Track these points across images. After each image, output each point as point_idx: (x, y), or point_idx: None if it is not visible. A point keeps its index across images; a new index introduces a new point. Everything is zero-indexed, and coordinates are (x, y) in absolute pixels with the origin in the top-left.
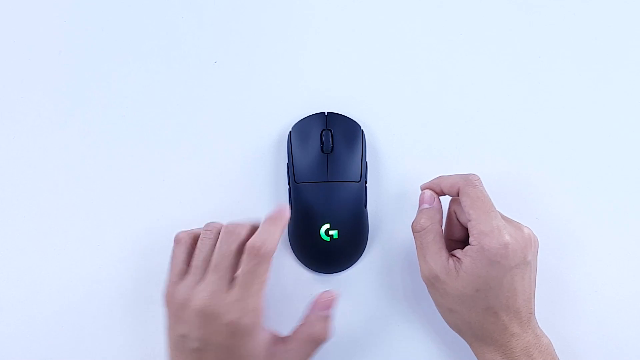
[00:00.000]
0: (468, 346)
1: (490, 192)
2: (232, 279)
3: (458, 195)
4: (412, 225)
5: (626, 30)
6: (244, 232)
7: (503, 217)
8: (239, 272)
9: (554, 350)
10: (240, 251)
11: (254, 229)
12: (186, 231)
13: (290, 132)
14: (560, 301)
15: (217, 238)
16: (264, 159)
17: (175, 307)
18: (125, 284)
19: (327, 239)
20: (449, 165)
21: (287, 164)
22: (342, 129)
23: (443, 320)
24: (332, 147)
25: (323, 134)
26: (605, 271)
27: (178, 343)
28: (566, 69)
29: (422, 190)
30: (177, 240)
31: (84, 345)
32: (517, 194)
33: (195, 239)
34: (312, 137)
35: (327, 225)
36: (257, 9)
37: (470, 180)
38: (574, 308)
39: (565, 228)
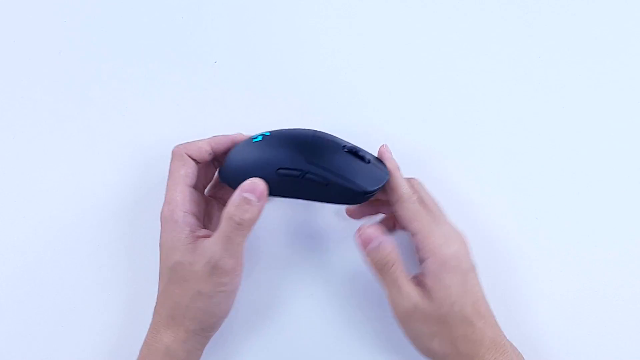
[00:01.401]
0: None
1: (490, 192)
2: None
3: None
4: (378, 265)
5: (626, 30)
6: None
7: (441, 219)
8: None
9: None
10: None
11: None
12: None
13: None
14: (560, 300)
15: None
16: None
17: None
18: (125, 284)
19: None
20: (449, 165)
21: None
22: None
23: None
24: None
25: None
26: (606, 271)
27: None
28: (566, 69)
29: (358, 233)
30: None
31: (84, 345)
32: (517, 194)
33: None
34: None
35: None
36: (257, 8)
37: (405, 198)
38: (574, 307)
39: (565, 228)
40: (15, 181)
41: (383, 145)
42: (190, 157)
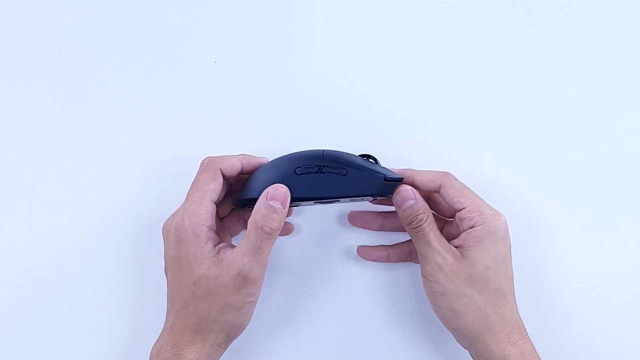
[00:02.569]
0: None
1: (490, 191)
2: None
3: (434, 190)
4: (412, 222)
5: (626, 30)
6: None
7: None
8: None
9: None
10: None
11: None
12: None
13: None
14: (561, 300)
15: None
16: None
17: None
18: (125, 284)
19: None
20: (449, 165)
21: None
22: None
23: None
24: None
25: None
26: (606, 271)
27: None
28: (566, 69)
29: (395, 192)
30: None
31: (84, 345)
32: (517, 194)
33: None
34: None
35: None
36: (257, 8)
37: (450, 174)
38: (575, 307)
39: (565, 228)
40: (15, 181)
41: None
42: (221, 172)
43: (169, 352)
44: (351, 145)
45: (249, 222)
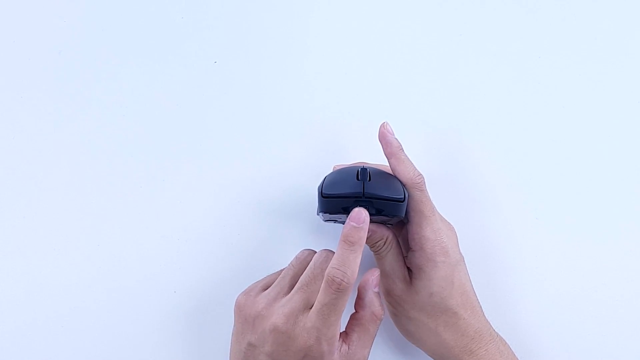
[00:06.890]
0: None
1: (490, 191)
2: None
3: None
4: (373, 246)
5: (626, 30)
6: None
7: (434, 210)
8: (317, 300)
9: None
10: None
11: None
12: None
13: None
14: (561, 300)
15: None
16: (263, 159)
17: (252, 316)
18: (125, 283)
19: None
20: (449, 165)
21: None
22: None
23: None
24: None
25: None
26: (606, 271)
27: (246, 351)
28: (566, 69)
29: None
30: (297, 257)
31: (84, 345)
32: (517, 194)
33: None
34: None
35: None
36: (257, 8)
37: (415, 182)
38: (575, 307)
39: (565, 228)
40: (15, 181)
41: (383, 124)
42: None
43: None
44: (351, 146)
45: (368, 315)
